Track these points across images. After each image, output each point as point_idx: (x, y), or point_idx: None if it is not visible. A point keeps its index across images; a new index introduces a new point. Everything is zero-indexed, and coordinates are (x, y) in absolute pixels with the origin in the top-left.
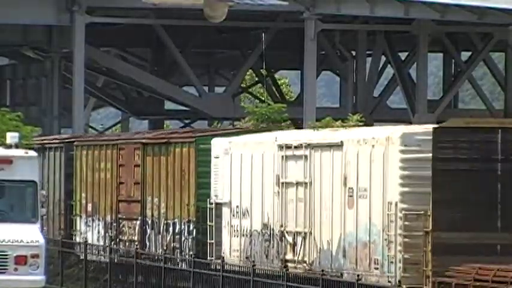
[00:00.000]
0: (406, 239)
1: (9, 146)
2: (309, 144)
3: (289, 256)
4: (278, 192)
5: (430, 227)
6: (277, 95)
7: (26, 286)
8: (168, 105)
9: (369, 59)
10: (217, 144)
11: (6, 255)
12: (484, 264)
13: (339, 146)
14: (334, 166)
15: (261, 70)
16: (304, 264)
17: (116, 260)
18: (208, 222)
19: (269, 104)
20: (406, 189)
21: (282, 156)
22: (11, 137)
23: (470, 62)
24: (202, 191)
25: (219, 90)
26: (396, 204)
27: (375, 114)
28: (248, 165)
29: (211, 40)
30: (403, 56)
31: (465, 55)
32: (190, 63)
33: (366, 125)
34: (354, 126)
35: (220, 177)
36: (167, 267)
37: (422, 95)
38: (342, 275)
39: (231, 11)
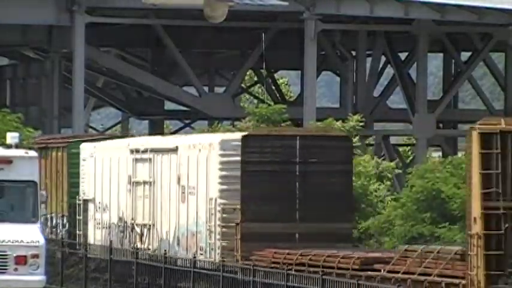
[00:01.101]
0: (224, 229)
1: (9, 146)
2: (152, 149)
3: (138, 245)
4: (130, 190)
5: (239, 219)
6: (277, 95)
7: (26, 286)
8: (168, 105)
9: (369, 59)
10: (85, 149)
11: (6, 255)
12: (285, 250)
13: (175, 150)
14: (171, 167)
15: (261, 70)
16: (149, 251)
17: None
18: (77, 216)
19: (269, 105)
20: (224, 187)
21: (133, 159)
22: (11, 137)
23: (470, 62)
24: (74, 189)
25: (219, 90)
26: (216, 200)
27: (375, 114)
28: (108, 166)
29: (211, 40)
30: (403, 56)
31: (465, 55)
32: (190, 63)
33: (366, 125)
34: (353, 126)
35: (86, 177)
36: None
37: (422, 95)
38: (176, 261)
39: (231, 11)
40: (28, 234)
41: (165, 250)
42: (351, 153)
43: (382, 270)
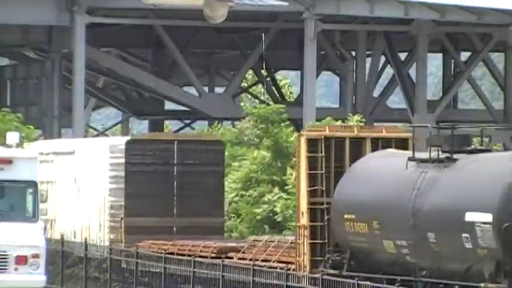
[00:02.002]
0: (112, 223)
1: (9, 146)
2: (54, 152)
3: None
4: None
5: (123, 214)
6: (277, 95)
7: (26, 286)
8: (168, 105)
9: (369, 59)
10: None
11: (6, 255)
12: (160, 241)
13: (72, 153)
14: (69, 168)
15: (261, 70)
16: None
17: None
18: None
19: (268, 104)
20: (112, 186)
21: (40, 161)
22: (11, 137)
23: (470, 62)
24: None
25: (219, 90)
26: (105, 198)
27: (375, 114)
28: None
29: (211, 40)
30: (402, 56)
31: (465, 55)
32: (190, 63)
33: (366, 125)
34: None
35: None
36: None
37: (422, 95)
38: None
39: (231, 11)
40: (28, 234)
41: (62, 236)
42: (222, 156)
43: (235, 258)
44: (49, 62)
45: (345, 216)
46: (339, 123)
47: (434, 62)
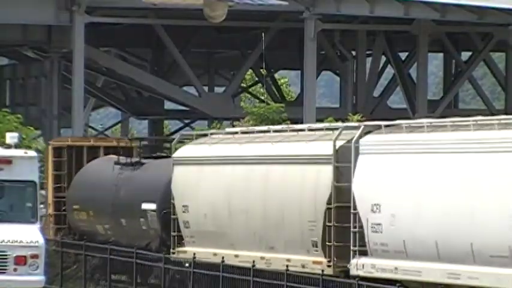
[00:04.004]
0: None
1: (9, 146)
2: None
3: None
4: None
5: None
6: (277, 95)
7: (25, 286)
8: (168, 105)
9: (369, 59)
10: None
11: (6, 255)
12: None
13: None
14: None
15: (261, 70)
16: None
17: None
18: None
19: (268, 104)
20: None
21: None
22: (11, 137)
23: (471, 62)
24: None
25: (219, 90)
26: None
27: (375, 114)
28: None
29: (211, 40)
30: (403, 56)
31: (465, 55)
32: (190, 63)
33: None
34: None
35: None
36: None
37: (422, 95)
38: None
39: (231, 11)
40: (28, 235)
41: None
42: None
43: None
44: (48, 62)
45: (74, 207)
46: (339, 123)
47: (435, 62)
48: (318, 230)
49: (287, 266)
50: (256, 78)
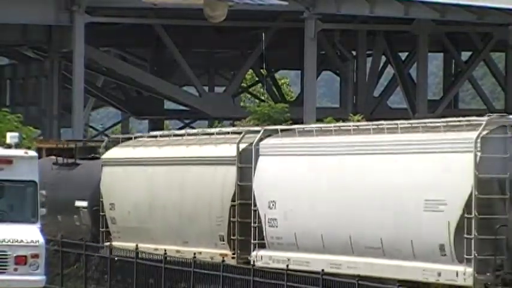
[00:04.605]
0: None
1: (9, 146)
2: None
3: None
4: None
5: None
6: (277, 95)
7: (26, 286)
8: (168, 105)
9: (369, 59)
10: None
11: (6, 255)
12: None
13: None
14: None
15: (261, 70)
16: None
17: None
18: None
19: (269, 104)
20: None
21: None
22: (11, 137)
23: (471, 61)
24: None
25: (219, 90)
26: None
27: (375, 114)
28: None
29: (211, 40)
30: (403, 56)
31: (465, 55)
32: (190, 63)
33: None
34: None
35: None
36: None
37: (422, 95)
38: None
39: (231, 11)
40: (28, 234)
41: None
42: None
43: None
44: (48, 62)
45: None
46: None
47: (435, 62)
48: (224, 225)
49: (194, 255)
50: (257, 78)
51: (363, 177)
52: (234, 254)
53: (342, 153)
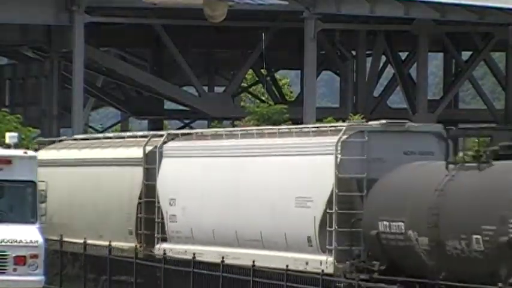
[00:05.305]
0: None
1: (9, 146)
2: None
3: None
4: None
5: None
6: (277, 95)
7: (25, 286)
8: (168, 105)
9: (369, 59)
10: None
11: (5, 255)
12: None
13: None
14: None
15: (261, 70)
16: None
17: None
18: None
19: (270, 105)
20: None
21: None
22: (10, 137)
23: (471, 61)
24: None
25: (219, 90)
26: None
27: (375, 114)
28: None
29: (211, 40)
30: (403, 56)
31: (466, 55)
32: (190, 63)
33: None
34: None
35: None
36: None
37: (422, 94)
38: None
39: (231, 11)
40: (27, 235)
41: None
42: None
43: None
44: (48, 62)
45: None
46: (339, 123)
47: (435, 62)
48: (132, 220)
49: (110, 250)
50: (257, 78)
51: (245, 177)
52: (141, 246)
53: (229, 156)
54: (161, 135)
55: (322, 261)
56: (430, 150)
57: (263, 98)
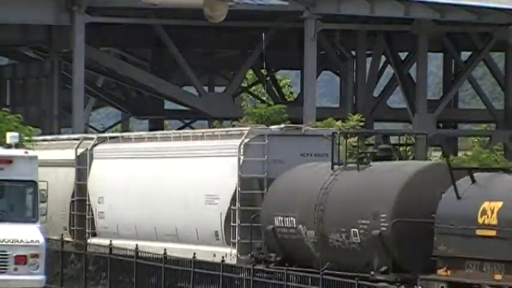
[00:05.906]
0: None
1: (9, 146)
2: None
3: None
4: None
5: None
6: (277, 95)
7: (26, 286)
8: (168, 105)
9: (369, 59)
10: None
11: (6, 255)
12: None
13: None
14: None
15: (261, 70)
16: None
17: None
18: None
19: (269, 104)
20: None
21: None
22: (11, 137)
23: (470, 61)
24: None
25: (219, 90)
26: None
27: (375, 114)
28: None
29: (211, 40)
30: (403, 56)
31: (465, 55)
32: (190, 63)
33: (366, 124)
34: (353, 126)
35: None
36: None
37: (422, 94)
38: None
39: (231, 11)
40: (28, 234)
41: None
42: None
43: None
44: (49, 62)
45: None
46: (339, 123)
47: (435, 62)
48: (66, 218)
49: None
50: (257, 78)
51: (162, 177)
52: (73, 240)
53: (149, 157)
54: (92, 138)
55: (227, 253)
56: (324, 152)
57: (263, 98)
